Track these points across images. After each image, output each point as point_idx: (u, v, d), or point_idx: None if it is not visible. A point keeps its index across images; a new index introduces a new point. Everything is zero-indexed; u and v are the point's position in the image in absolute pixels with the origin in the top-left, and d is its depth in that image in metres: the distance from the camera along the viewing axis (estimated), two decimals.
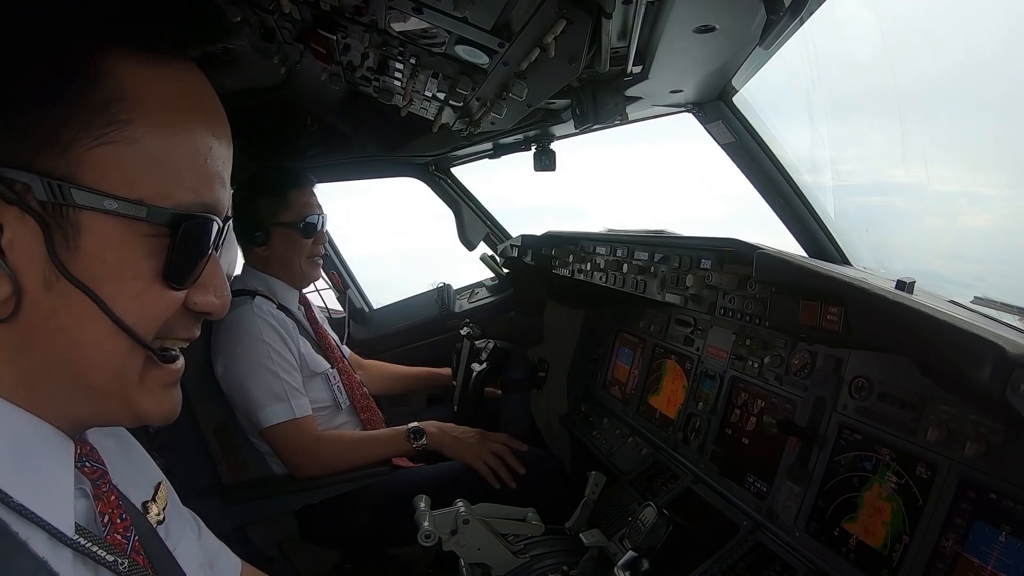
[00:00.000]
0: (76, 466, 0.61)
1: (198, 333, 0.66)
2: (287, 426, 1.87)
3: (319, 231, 2.11)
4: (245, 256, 2.11)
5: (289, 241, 2.05)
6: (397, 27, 1.18)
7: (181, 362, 0.65)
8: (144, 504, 0.72)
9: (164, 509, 0.74)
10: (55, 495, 0.57)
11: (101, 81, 0.53)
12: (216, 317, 0.65)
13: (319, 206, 2.12)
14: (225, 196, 0.63)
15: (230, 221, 0.67)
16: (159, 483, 0.77)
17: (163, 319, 0.60)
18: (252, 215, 2.02)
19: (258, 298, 1.97)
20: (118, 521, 0.62)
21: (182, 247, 0.57)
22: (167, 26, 0.57)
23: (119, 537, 0.61)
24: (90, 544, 0.56)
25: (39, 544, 0.53)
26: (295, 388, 1.91)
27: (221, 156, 0.61)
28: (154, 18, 0.56)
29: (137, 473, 0.75)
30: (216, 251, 0.64)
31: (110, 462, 0.68)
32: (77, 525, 0.58)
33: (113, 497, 0.63)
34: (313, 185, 2.13)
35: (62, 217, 0.53)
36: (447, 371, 2.47)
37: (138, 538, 0.64)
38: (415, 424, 2.02)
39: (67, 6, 0.53)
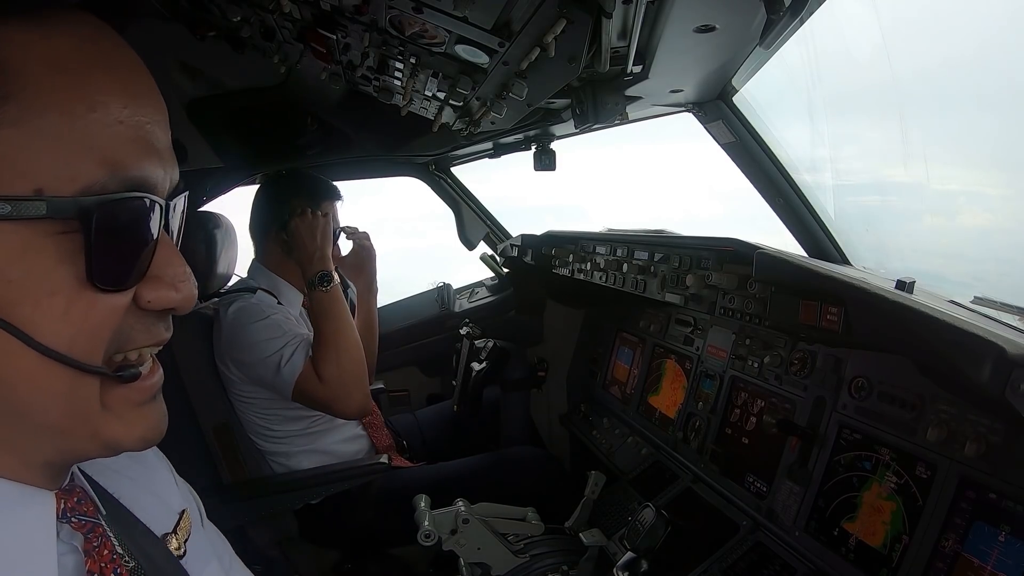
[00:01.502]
0: (62, 520, 0.52)
1: (167, 334, 0.54)
2: (308, 373, 1.82)
3: (337, 244, 2.15)
4: (260, 252, 2.10)
5: None
6: (397, 26, 1.18)
7: (158, 376, 0.55)
8: (164, 537, 0.65)
9: (186, 541, 0.67)
10: (33, 562, 0.49)
11: None
12: (181, 312, 0.53)
13: (339, 221, 2.17)
14: (160, 169, 0.51)
15: (182, 198, 0.56)
16: (183, 511, 0.69)
17: (107, 331, 0.49)
18: (283, 213, 2.00)
19: (259, 292, 1.97)
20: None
21: (104, 237, 0.46)
22: None
23: None
24: None
25: None
26: (309, 342, 1.88)
27: (143, 120, 0.49)
28: None
29: (159, 502, 0.68)
30: (170, 235, 0.53)
31: (132, 487, 0.63)
32: None
33: (106, 551, 0.55)
34: (341, 200, 2.16)
35: None
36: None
37: None
38: (309, 280, 1.89)
39: None
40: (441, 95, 1.47)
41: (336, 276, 1.92)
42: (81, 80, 0.46)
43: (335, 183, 2.18)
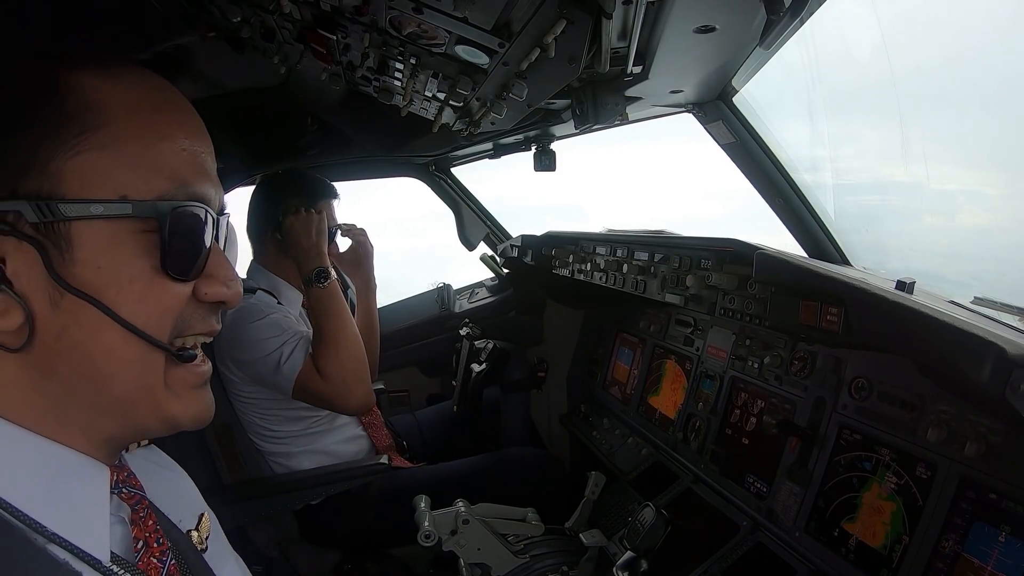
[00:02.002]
0: (113, 492, 0.61)
1: (218, 326, 0.66)
2: (308, 370, 1.83)
3: (334, 242, 2.14)
4: (258, 253, 2.10)
5: None
6: (397, 27, 1.18)
7: (208, 366, 0.65)
8: (187, 532, 0.72)
9: (207, 539, 0.74)
10: (91, 523, 0.57)
11: (66, 99, 0.55)
12: (230, 307, 0.65)
13: (336, 219, 2.15)
14: (213, 191, 0.63)
15: (228, 217, 0.67)
16: (202, 513, 0.78)
17: (174, 315, 0.60)
18: (279, 213, 1.99)
19: (259, 292, 1.97)
20: (154, 545, 0.62)
21: (176, 235, 0.58)
22: (112, 36, 0.60)
23: (155, 560, 0.62)
24: (123, 572, 0.57)
25: (79, 567, 0.54)
26: (308, 339, 1.89)
27: (199, 151, 0.62)
28: (98, 33, 0.59)
29: (182, 503, 0.76)
30: (219, 243, 0.64)
31: (157, 489, 0.69)
32: (113, 553, 0.58)
33: (151, 522, 0.63)
34: (337, 198, 2.15)
35: (54, 233, 0.54)
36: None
37: (175, 562, 0.64)
38: (306, 278, 1.88)
39: (23, 39, 0.56)
40: (441, 96, 1.47)
41: (333, 272, 1.92)
42: (152, 117, 0.59)
43: (335, 183, 2.18)
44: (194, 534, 0.72)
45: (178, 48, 0.64)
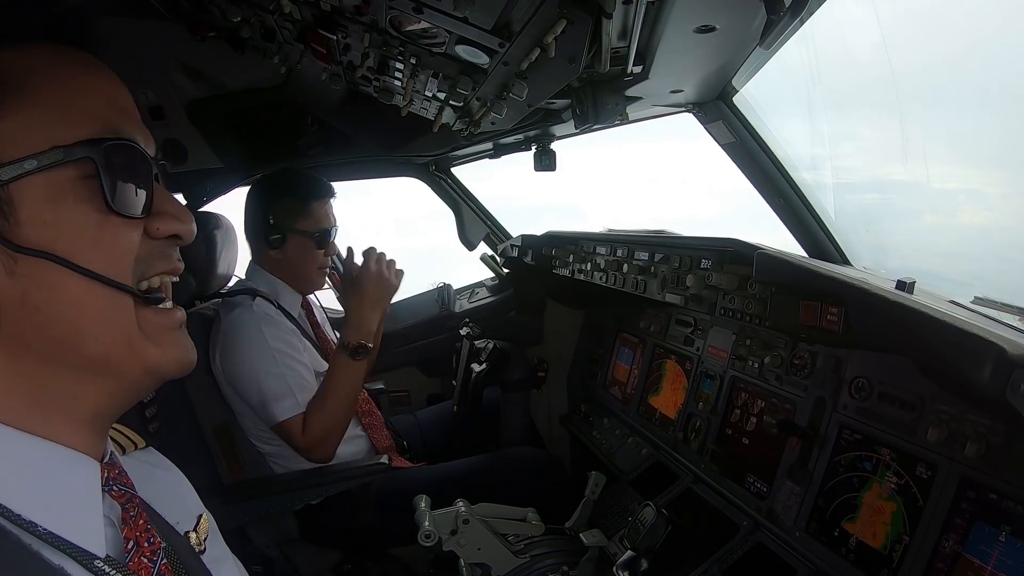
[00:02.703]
0: (104, 489, 0.59)
1: (180, 264, 0.65)
2: (295, 420, 1.86)
3: (331, 242, 2.11)
4: (255, 254, 2.10)
5: (303, 249, 2.03)
6: (397, 27, 1.18)
7: (181, 312, 0.64)
8: (185, 533, 0.71)
9: (205, 540, 0.74)
10: (84, 518, 0.56)
11: None
12: (186, 240, 0.64)
13: (335, 218, 2.12)
14: (141, 136, 0.63)
15: (164, 166, 0.67)
16: (201, 515, 0.77)
17: (131, 256, 0.59)
18: (271, 215, 1.99)
19: (258, 299, 1.96)
20: (145, 544, 0.61)
21: (113, 172, 0.57)
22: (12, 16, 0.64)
23: (145, 560, 0.60)
24: (113, 571, 0.55)
25: (72, 570, 0.53)
26: (301, 384, 1.90)
27: (121, 95, 0.63)
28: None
29: (180, 505, 0.75)
30: (160, 183, 0.64)
31: (155, 491, 0.68)
32: (107, 555, 0.57)
33: (142, 520, 0.62)
34: (333, 197, 2.13)
35: None
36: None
37: (166, 561, 0.62)
38: (345, 343, 1.91)
39: None
40: (441, 95, 1.47)
41: (370, 348, 1.93)
42: (68, 69, 0.60)
43: (334, 183, 2.17)
44: (192, 535, 0.72)
45: (73, 9, 0.68)
